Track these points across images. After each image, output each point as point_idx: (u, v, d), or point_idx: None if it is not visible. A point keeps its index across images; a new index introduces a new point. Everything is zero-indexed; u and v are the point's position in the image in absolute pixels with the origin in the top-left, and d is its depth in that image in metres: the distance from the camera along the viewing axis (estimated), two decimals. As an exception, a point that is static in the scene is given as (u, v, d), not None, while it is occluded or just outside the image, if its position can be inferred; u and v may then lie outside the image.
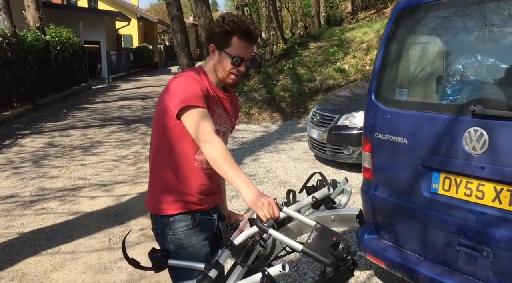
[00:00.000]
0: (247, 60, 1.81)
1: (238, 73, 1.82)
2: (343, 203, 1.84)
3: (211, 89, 1.83)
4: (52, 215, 4.35)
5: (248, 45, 1.79)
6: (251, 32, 1.77)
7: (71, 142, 7.76)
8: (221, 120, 1.89)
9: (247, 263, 1.55)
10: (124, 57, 24.13)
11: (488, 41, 2.46)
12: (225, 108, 1.92)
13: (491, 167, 2.15)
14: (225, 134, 1.95)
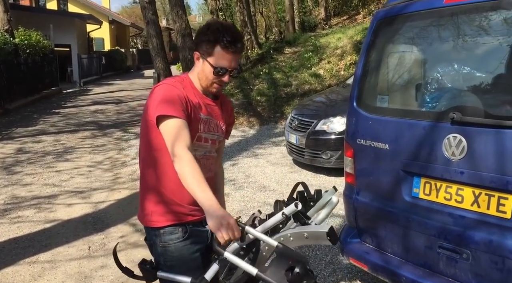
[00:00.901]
0: (231, 71, 1.77)
1: (221, 84, 1.80)
2: (320, 218, 1.75)
3: (196, 96, 1.81)
4: (28, 223, 4.24)
5: (231, 56, 1.73)
6: (235, 43, 1.72)
7: (43, 147, 7.57)
8: (210, 128, 1.86)
9: (229, 280, 1.52)
10: (96, 61, 23.74)
11: (464, 51, 2.56)
12: (215, 115, 1.89)
13: (469, 172, 2.23)
14: (216, 142, 1.92)
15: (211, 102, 1.88)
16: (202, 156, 1.85)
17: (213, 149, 1.93)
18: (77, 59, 20.36)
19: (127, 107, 12.70)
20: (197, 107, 1.79)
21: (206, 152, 1.88)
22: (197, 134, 1.81)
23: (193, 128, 1.76)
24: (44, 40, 16.23)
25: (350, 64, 10.98)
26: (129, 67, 29.74)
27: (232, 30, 1.73)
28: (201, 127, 1.81)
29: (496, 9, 2.30)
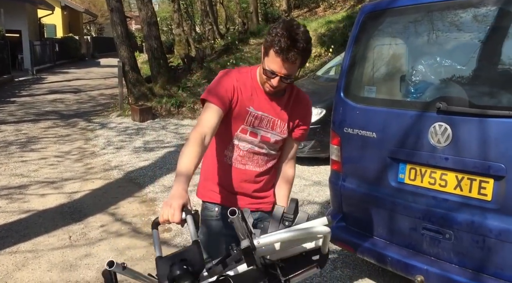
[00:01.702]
0: (281, 77, 1.69)
1: (271, 85, 1.73)
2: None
3: (253, 89, 1.80)
4: (2, 214, 4.09)
5: (282, 63, 1.65)
6: (287, 51, 1.62)
7: (4, 137, 7.25)
8: (261, 124, 1.82)
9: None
10: (49, 48, 22.72)
11: (448, 44, 2.74)
12: (273, 112, 1.83)
13: (453, 158, 2.41)
14: (270, 139, 1.85)
15: (275, 99, 1.83)
16: (248, 149, 1.85)
17: (266, 145, 1.86)
18: (28, 46, 19.40)
19: (87, 97, 12.33)
20: (247, 100, 1.79)
21: (254, 146, 1.85)
22: (241, 126, 1.81)
23: (238, 119, 1.79)
24: (-6, 25, 15.39)
25: (315, 57, 11.19)
26: (83, 55, 28.70)
27: (292, 38, 1.62)
28: (248, 120, 1.80)
29: (479, 5, 2.48)
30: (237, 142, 1.84)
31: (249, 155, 1.86)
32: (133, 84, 9.83)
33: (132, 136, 7.54)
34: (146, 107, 9.02)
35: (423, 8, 2.70)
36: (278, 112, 1.84)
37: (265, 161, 1.90)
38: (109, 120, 9.03)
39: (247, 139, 1.84)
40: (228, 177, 1.86)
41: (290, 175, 1.99)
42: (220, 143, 1.86)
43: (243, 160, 1.86)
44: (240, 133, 1.82)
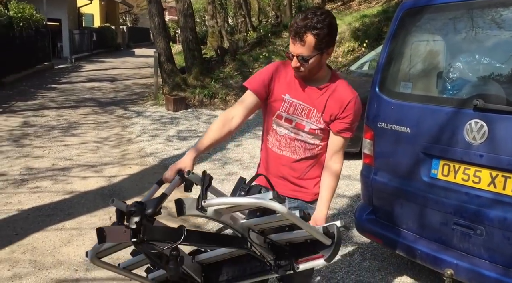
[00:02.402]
0: (297, 57, 1.79)
1: (294, 66, 1.83)
2: None
3: (291, 78, 1.91)
4: (48, 193, 4.36)
5: (294, 42, 1.77)
6: (297, 31, 1.74)
7: (47, 122, 7.61)
8: (295, 111, 1.91)
9: None
10: (86, 37, 23.36)
11: (487, 42, 2.75)
12: (309, 101, 1.90)
13: (488, 155, 2.44)
14: (304, 127, 1.91)
15: (311, 88, 1.90)
16: (285, 134, 1.95)
17: (302, 133, 1.93)
18: (68, 35, 20.05)
19: (123, 86, 12.68)
20: (284, 88, 1.91)
21: (290, 132, 1.94)
22: (277, 112, 1.93)
23: (275, 106, 1.93)
24: (37, 14, 15.96)
25: (348, 51, 11.14)
26: (119, 45, 29.36)
27: (304, 18, 1.74)
28: (283, 107, 1.91)
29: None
30: (275, 127, 1.96)
31: (286, 140, 1.95)
32: (168, 75, 10.07)
33: (166, 125, 7.76)
34: (179, 98, 9.24)
35: (463, 6, 2.72)
36: (314, 102, 1.90)
37: (302, 149, 1.96)
38: (144, 109, 9.30)
39: (283, 125, 1.94)
40: (269, 160, 2.01)
41: (334, 168, 1.98)
42: (265, 128, 2.03)
43: (280, 145, 1.97)
44: (276, 118, 1.95)
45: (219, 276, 1.79)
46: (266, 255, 1.68)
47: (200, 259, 1.79)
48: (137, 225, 1.26)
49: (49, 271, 3.04)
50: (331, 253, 1.67)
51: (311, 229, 1.60)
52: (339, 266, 3.26)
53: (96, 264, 1.61)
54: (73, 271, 3.04)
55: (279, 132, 1.96)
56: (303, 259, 1.73)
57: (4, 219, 3.77)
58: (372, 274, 3.17)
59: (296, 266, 1.71)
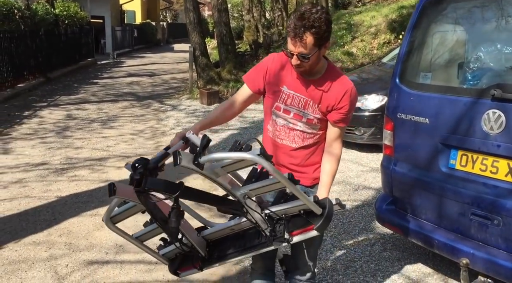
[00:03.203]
0: (297, 55, 1.82)
1: (293, 65, 1.89)
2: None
3: (290, 71, 1.97)
4: (85, 182, 4.64)
5: (292, 41, 1.80)
6: (295, 30, 1.77)
7: (88, 115, 8.00)
8: (293, 102, 1.98)
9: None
10: (128, 33, 24.13)
11: (506, 31, 2.70)
12: (306, 93, 1.96)
13: (506, 145, 2.42)
14: (302, 117, 1.98)
15: (308, 81, 1.96)
16: (284, 125, 2.03)
17: (300, 123, 2.00)
18: (110, 31, 20.78)
19: (161, 80, 13.06)
20: (281, 79, 1.99)
21: (288, 123, 2.02)
22: (275, 103, 2.02)
23: (273, 97, 2.02)
24: (81, 12, 16.66)
25: (384, 43, 10.96)
26: (159, 41, 30.09)
27: (301, 17, 1.76)
28: (281, 98, 1.99)
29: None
30: (275, 117, 2.05)
31: (285, 130, 2.03)
32: (202, 69, 10.28)
33: (199, 118, 7.96)
34: (213, 91, 9.43)
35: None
36: (310, 93, 1.96)
37: (301, 138, 2.03)
38: (180, 102, 9.57)
39: (281, 115, 2.02)
40: (270, 149, 2.07)
41: (334, 153, 2.04)
42: (266, 118, 2.13)
43: (280, 134, 2.05)
44: (275, 110, 2.03)
45: (221, 251, 1.94)
46: (261, 225, 1.77)
47: (204, 234, 1.94)
48: (140, 175, 1.41)
49: (82, 253, 3.27)
50: (321, 223, 1.73)
51: (300, 193, 1.65)
52: (359, 255, 3.31)
53: (110, 228, 1.78)
54: (104, 253, 3.26)
55: (278, 123, 2.04)
56: (297, 231, 1.81)
57: (44, 205, 4.07)
58: (391, 264, 3.20)
59: (290, 238, 1.79)
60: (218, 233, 1.94)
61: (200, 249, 1.91)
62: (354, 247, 3.42)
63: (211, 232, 1.94)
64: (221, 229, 1.92)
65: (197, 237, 1.91)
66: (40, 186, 4.51)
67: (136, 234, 1.99)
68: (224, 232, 1.93)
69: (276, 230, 1.79)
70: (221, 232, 1.93)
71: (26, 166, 5.13)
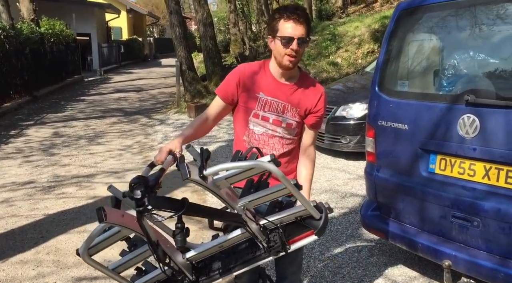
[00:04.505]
0: (297, 39, 1.87)
1: (291, 53, 1.89)
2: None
3: (265, 77, 2.00)
4: (72, 199, 4.63)
5: (294, 24, 1.87)
6: (294, 11, 1.88)
7: (75, 132, 8.00)
8: (271, 108, 2.00)
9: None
10: (115, 50, 24.19)
11: (479, 39, 2.80)
12: (285, 97, 2.00)
13: (481, 149, 2.49)
14: (281, 123, 2.01)
15: (284, 85, 2.01)
16: (263, 133, 2.04)
17: (279, 129, 2.02)
18: (97, 48, 20.82)
19: (148, 95, 13.08)
20: (256, 86, 2.00)
21: (268, 130, 2.03)
22: (253, 111, 2.02)
23: (249, 105, 2.02)
24: (66, 29, 16.69)
25: (368, 53, 11.15)
26: (146, 56, 30.16)
27: (292, 6, 1.96)
28: (258, 105, 2.00)
29: (509, 0, 2.54)
30: (252, 126, 2.04)
31: (264, 138, 2.04)
32: (189, 83, 10.35)
33: (188, 132, 7.99)
34: (201, 104, 9.48)
35: (454, 5, 2.79)
36: (288, 97, 2.00)
37: (281, 145, 2.05)
38: (167, 117, 9.60)
39: (260, 123, 2.02)
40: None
41: (311, 157, 2.11)
42: (239, 129, 2.09)
43: (259, 144, 2.02)
44: (253, 118, 2.03)
45: (210, 271, 1.82)
46: (259, 236, 1.72)
47: (190, 256, 1.79)
48: (142, 194, 1.33)
49: (70, 270, 3.26)
50: (320, 227, 1.71)
51: (303, 198, 1.63)
52: (346, 262, 3.35)
53: (87, 261, 1.60)
54: (93, 270, 3.23)
55: (257, 132, 2.04)
56: (295, 238, 1.77)
57: (31, 223, 4.06)
58: (378, 269, 3.24)
59: (287, 247, 1.75)
60: (205, 253, 1.81)
61: (188, 272, 1.79)
62: (342, 254, 3.47)
63: (198, 252, 1.79)
64: (209, 248, 1.79)
65: (182, 260, 1.77)
66: (27, 205, 4.50)
67: (113, 265, 1.79)
68: (211, 251, 1.81)
69: (271, 240, 1.74)
70: (209, 251, 1.80)
71: (12, 185, 5.12)
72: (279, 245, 1.75)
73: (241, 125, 2.08)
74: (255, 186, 1.69)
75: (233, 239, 1.77)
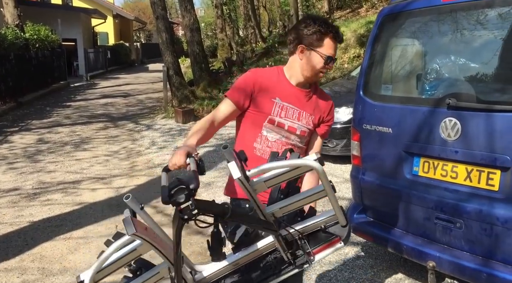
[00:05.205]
0: (334, 59, 1.93)
1: (325, 71, 1.94)
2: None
3: (280, 83, 1.95)
4: (58, 206, 4.59)
5: (335, 45, 1.90)
6: (340, 35, 1.91)
7: (60, 138, 7.92)
8: (287, 114, 1.94)
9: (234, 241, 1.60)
10: (101, 55, 24.03)
11: (460, 44, 2.86)
12: (300, 104, 1.96)
13: (463, 151, 2.54)
14: (296, 130, 1.97)
15: (300, 91, 1.97)
16: (276, 140, 1.96)
17: (293, 136, 1.98)
18: (83, 54, 20.66)
19: (136, 101, 13.02)
20: (272, 92, 1.93)
21: (282, 137, 1.97)
22: (268, 117, 1.93)
23: (264, 110, 1.94)
24: (52, 35, 16.54)
25: (354, 57, 11.26)
26: (133, 61, 30.02)
27: (332, 24, 1.95)
28: (275, 111, 1.93)
29: (489, 6, 2.60)
30: (265, 133, 1.95)
31: (277, 146, 1.96)
32: (176, 88, 10.34)
33: (174, 137, 7.99)
34: (188, 110, 9.47)
35: (435, 10, 2.84)
36: (303, 104, 1.97)
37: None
38: (154, 122, 9.56)
39: (274, 129, 1.95)
40: None
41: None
42: (249, 136, 1.98)
43: (272, 151, 1.83)
44: (268, 123, 1.94)
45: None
46: (284, 247, 1.61)
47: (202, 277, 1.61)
48: (186, 198, 1.22)
49: (56, 277, 3.23)
50: (347, 234, 1.65)
51: (337, 203, 1.55)
52: (333, 264, 3.37)
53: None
54: (79, 276, 3.23)
55: (271, 138, 1.95)
56: (319, 248, 1.66)
57: (15, 231, 4.01)
58: (364, 271, 3.27)
59: (312, 258, 1.64)
60: (217, 273, 1.63)
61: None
62: (328, 257, 3.48)
63: (210, 273, 1.62)
64: (221, 268, 1.61)
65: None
66: (11, 212, 4.44)
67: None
68: (225, 270, 1.63)
69: (295, 251, 1.63)
70: (222, 270, 1.62)
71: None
72: (303, 256, 1.63)
73: (252, 131, 1.97)
74: (284, 191, 1.60)
75: (252, 254, 1.62)
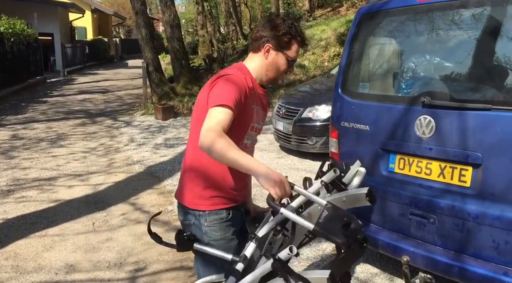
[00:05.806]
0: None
1: (287, 73, 1.93)
2: (354, 184, 1.83)
3: (254, 86, 1.86)
4: (33, 203, 4.50)
5: (298, 49, 1.88)
6: (306, 41, 1.89)
7: (36, 134, 7.76)
8: (258, 117, 1.91)
9: (272, 253, 1.51)
10: (79, 50, 23.59)
11: (435, 43, 2.93)
12: (262, 104, 1.94)
13: (437, 148, 2.60)
14: (259, 130, 1.97)
15: (262, 92, 1.93)
16: (250, 144, 1.95)
17: (257, 137, 2.00)
18: (60, 48, 20.23)
19: (114, 97, 12.85)
20: (252, 97, 1.83)
21: (253, 141, 1.96)
22: (251, 124, 1.87)
23: (248, 118, 1.84)
24: (28, 29, 16.15)
25: (334, 56, 11.35)
26: (112, 57, 29.58)
27: (303, 31, 1.89)
28: (254, 117, 1.87)
29: (463, 6, 2.66)
30: (245, 140, 1.88)
31: (251, 149, 1.96)
32: (156, 84, 10.25)
33: (154, 134, 7.92)
34: (168, 106, 9.40)
35: (411, 10, 2.90)
36: (263, 104, 1.96)
37: (253, 153, 2.03)
38: (134, 118, 9.46)
39: (252, 135, 1.92)
40: (239, 177, 1.84)
41: None
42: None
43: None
44: (250, 131, 1.88)
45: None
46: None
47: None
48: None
49: (30, 275, 3.18)
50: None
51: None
52: (311, 260, 3.40)
53: None
54: (54, 274, 3.18)
55: (248, 145, 1.92)
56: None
57: (-12, 228, 3.92)
58: (341, 267, 3.30)
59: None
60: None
61: None
62: (306, 252, 3.52)
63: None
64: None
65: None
66: (-16, 209, 4.34)
67: None
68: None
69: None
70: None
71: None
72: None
73: (235, 140, 1.68)
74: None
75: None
